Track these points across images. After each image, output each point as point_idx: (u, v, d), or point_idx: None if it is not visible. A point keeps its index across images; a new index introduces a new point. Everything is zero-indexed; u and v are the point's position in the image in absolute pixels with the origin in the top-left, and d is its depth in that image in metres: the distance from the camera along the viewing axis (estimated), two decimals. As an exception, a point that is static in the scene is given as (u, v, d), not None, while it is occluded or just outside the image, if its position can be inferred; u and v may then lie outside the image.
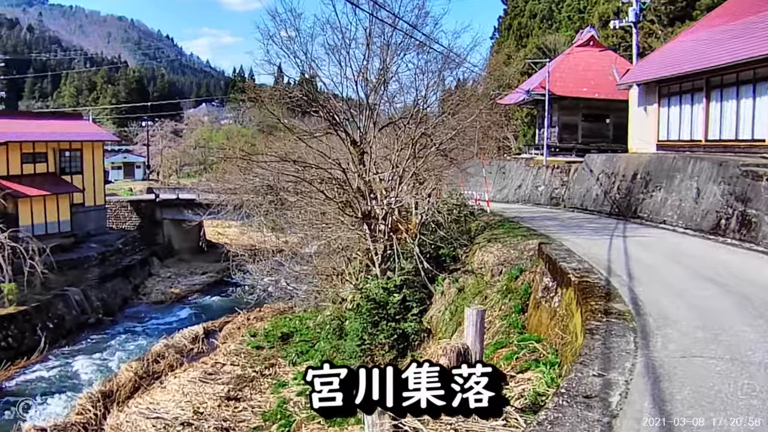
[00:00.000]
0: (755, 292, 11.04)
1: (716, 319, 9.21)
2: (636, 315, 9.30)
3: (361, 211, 23.49)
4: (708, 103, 25.69)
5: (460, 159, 30.79)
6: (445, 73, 25.26)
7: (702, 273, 12.97)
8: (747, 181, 18.38)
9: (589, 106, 42.24)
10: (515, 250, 19.48)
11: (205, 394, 24.42)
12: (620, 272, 12.90)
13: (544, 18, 71.76)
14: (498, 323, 16.44)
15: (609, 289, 11.16)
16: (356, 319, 21.79)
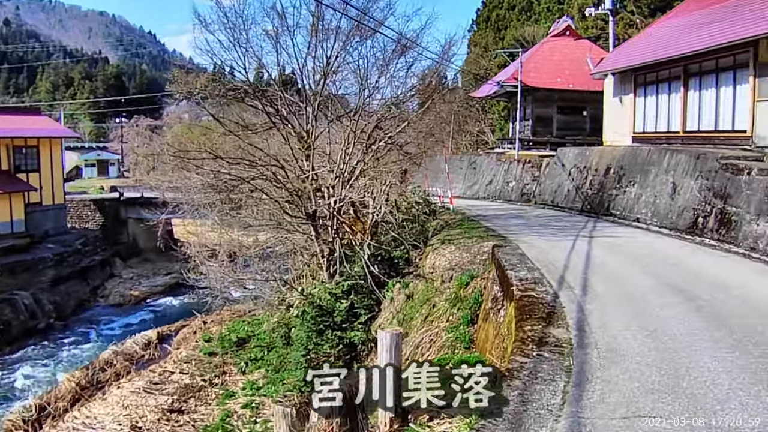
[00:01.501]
0: (732, 309, 9.05)
1: (679, 352, 7.19)
2: (577, 346, 7.28)
3: (305, 212, 21.40)
4: (686, 92, 23.75)
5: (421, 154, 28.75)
6: (398, 61, 22.97)
7: (672, 282, 10.96)
8: (726, 175, 16.43)
9: (564, 97, 40.25)
10: (468, 254, 17.48)
11: (146, 407, 22.36)
12: (574, 283, 10.88)
13: (523, 10, 70.19)
14: (444, 336, 14.70)
15: (554, 306, 9.15)
16: (301, 327, 19.92)
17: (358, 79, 22.34)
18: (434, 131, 30.31)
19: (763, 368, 6.71)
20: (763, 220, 14.32)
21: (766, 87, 19.39)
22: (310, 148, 21.73)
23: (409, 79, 23.81)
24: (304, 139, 21.70)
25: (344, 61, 22.45)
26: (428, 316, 16.80)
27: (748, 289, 10.42)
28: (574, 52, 39.57)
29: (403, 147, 25.45)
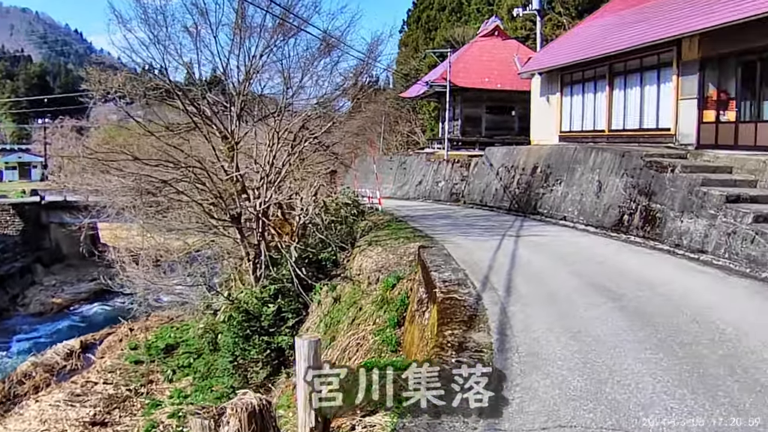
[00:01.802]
0: (657, 308, 8.79)
1: (603, 354, 6.84)
2: (498, 351, 6.86)
3: (229, 214, 20.64)
4: (611, 91, 23.87)
5: (350, 155, 28.28)
6: (324, 60, 22.39)
7: (597, 281, 10.70)
8: (651, 172, 16.41)
9: (492, 97, 40.30)
10: (395, 255, 17.04)
11: (66, 420, 21.14)
12: (498, 284, 10.52)
13: (453, 11, 70.45)
14: (371, 339, 14.28)
15: (476, 309, 8.75)
16: (228, 332, 19.20)
17: (283, 79, 21.69)
18: (364, 132, 29.77)
19: (687, 370, 6.42)
20: (687, 217, 14.29)
21: (688, 85, 19.54)
22: (234, 149, 20.95)
23: (335, 79, 23.24)
24: (228, 140, 20.90)
25: (269, 59, 21.76)
26: (355, 318, 16.35)
27: (672, 287, 10.24)
28: (503, 52, 39.67)
29: (331, 147, 24.94)
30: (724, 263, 12.44)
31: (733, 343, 7.21)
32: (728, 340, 7.33)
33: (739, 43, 17.47)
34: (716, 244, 13.00)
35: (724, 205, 13.17)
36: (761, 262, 11.56)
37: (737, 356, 6.78)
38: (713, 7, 18.21)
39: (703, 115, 19.13)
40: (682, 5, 20.39)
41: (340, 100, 25.24)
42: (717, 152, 16.82)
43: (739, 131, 17.71)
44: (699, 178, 14.50)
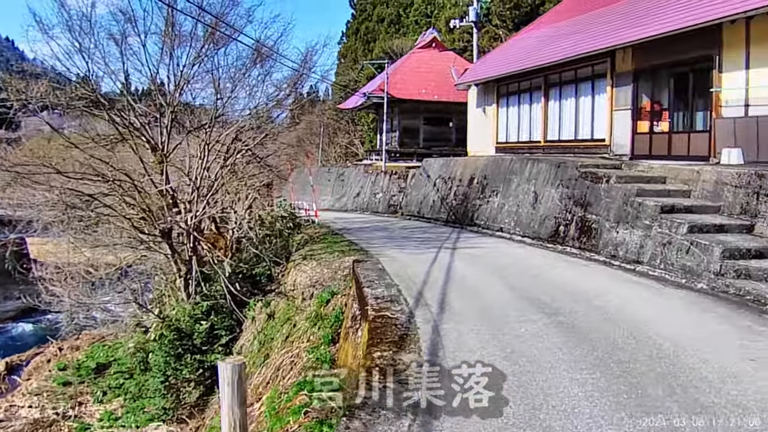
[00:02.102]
0: (593, 323, 8.49)
1: (537, 376, 6.45)
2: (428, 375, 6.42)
3: (159, 229, 19.79)
4: (547, 102, 23.90)
5: (286, 167, 27.66)
6: (258, 70, 21.76)
7: (532, 295, 10.38)
8: (586, 183, 16.30)
9: (430, 109, 40.22)
10: (329, 269, 16.54)
11: (-12, 449, 20.04)
12: (432, 300, 10.11)
13: (392, 22, 70.59)
14: (305, 357, 13.71)
15: (408, 328, 8.31)
16: (159, 351, 18.37)
17: (214, 89, 20.98)
18: (303, 143, 29.23)
19: (625, 390, 6.07)
20: (623, 228, 14.18)
21: (622, 96, 19.62)
22: (164, 161, 20.11)
23: (268, 89, 22.58)
24: (158, 153, 20.06)
25: (200, 69, 21.02)
26: (289, 335, 15.81)
27: (608, 299, 9.99)
28: (440, 63, 39.66)
29: (265, 159, 24.26)
30: (660, 274, 12.31)
31: (671, 360, 6.92)
32: (666, 357, 7.04)
33: (671, 55, 17.59)
34: (652, 254, 12.88)
35: (659, 215, 13.07)
36: (696, 273, 11.45)
37: (675, 374, 6.49)
38: (644, 20, 18.35)
39: (637, 126, 19.22)
40: (615, 18, 20.51)
41: (275, 111, 24.59)
42: (651, 162, 16.83)
43: (673, 141, 17.81)
44: (634, 189, 14.41)
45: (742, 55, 15.34)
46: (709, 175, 13.95)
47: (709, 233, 12.18)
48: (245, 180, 23.15)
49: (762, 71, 14.86)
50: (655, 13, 18.12)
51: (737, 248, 11.25)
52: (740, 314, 9.09)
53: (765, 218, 12.16)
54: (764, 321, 8.74)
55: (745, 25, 15.18)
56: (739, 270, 10.90)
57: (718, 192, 13.51)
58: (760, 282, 10.59)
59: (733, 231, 12.34)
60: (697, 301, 9.96)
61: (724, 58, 15.90)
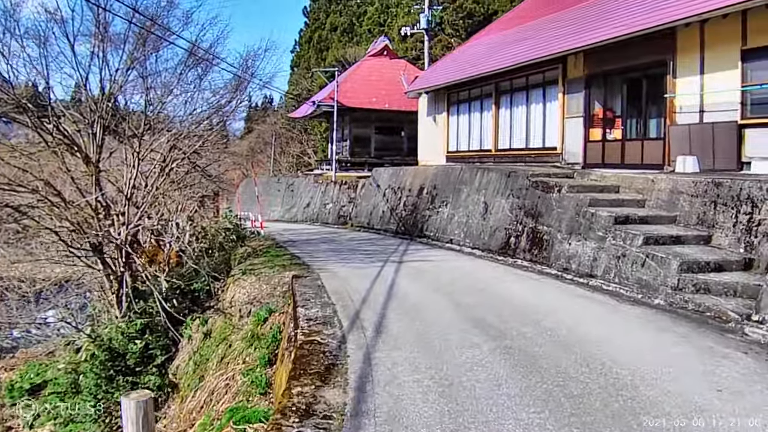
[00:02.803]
0: (543, 347, 7.64)
1: (479, 416, 5.53)
2: (351, 416, 5.47)
3: (90, 242, 18.56)
4: (497, 110, 23.26)
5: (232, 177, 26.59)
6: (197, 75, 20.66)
7: (478, 314, 9.52)
8: (537, 193, 15.59)
9: (381, 118, 39.48)
10: (268, 285, 15.57)
11: None
12: (369, 321, 9.18)
13: (345, 31, 70.24)
14: (240, 380, 12.75)
15: (337, 356, 7.38)
16: (90, 373, 17.16)
17: (145, 94, 19.82)
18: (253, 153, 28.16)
19: (579, 431, 5.25)
20: (575, 240, 13.46)
21: (574, 103, 19.04)
22: (95, 171, 18.88)
23: (207, 96, 21.47)
24: (90, 162, 18.82)
25: (134, 74, 19.85)
26: (225, 356, 14.81)
27: (560, 318, 9.18)
28: (391, 71, 38.96)
29: (208, 169, 23.17)
30: (615, 288, 11.58)
31: (629, 392, 6.09)
32: (624, 388, 6.22)
33: (623, 60, 17.05)
34: (605, 268, 12.16)
35: (613, 226, 12.37)
36: (653, 287, 10.74)
37: (635, 411, 5.64)
38: (597, 24, 17.82)
39: (589, 134, 18.64)
40: (566, 23, 19.97)
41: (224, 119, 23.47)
42: (604, 171, 16.20)
43: (626, 149, 17.24)
44: (586, 199, 13.71)
45: (697, 59, 14.81)
46: (664, 184, 13.32)
47: (665, 245, 11.50)
48: (185, 190, 22.07)
49: (717, 76, 14.34)
50: (608, 18, 17.58)
51: (695, 261, 10.56)
52: (701, 334, 8.36)
53: (723, 229, 11.52)
54: (726, 341, 8.01)
55: (700, 28, 14.66)
56: (698, 284, 10.21)
57: (674, 201, 12.87)
58: (720, 297, 9.90)
59: (690, 242, 11.68)
60: (654, 319, 9.21)
61: (678, 63, 15.37)
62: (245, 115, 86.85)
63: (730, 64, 13.97)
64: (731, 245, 11.23)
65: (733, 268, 10.68)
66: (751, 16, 13.51)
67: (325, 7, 73.84)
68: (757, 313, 8.75)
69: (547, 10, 23.16)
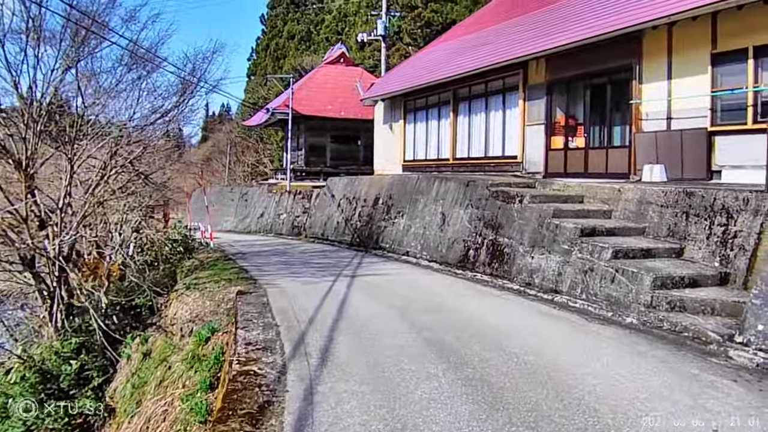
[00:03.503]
0: (509, 377, 6.72)
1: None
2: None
3: (20, 255, 17.26)
4: (456, 117, 22.49)
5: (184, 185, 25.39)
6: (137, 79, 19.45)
7: (436, 337, 8.58)
8: (497, 203, 14.76)
9: (337, 126, 38.57)
10: (212, 301, 14.47)
11: None
12: (315, 346, 8.17)
13: (303, 39, 69.52)
14: (179, 407, 11.55)
15: (275, 391, 6.39)
16: (19, 397, 15.79)
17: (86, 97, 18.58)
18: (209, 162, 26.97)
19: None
20: (538, 253, 12.63)
21: (535, 110, 18.34)
22: (29, 178, 17.56)
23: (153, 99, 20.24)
24: (20, 169, 17.49)
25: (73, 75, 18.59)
26: (164, 379, 13.61)
27: (525, 341, 8.29)
28: (348, 79, 38.11)
29: (152, 177, 21.92)
30: (582, 306, 10.76)
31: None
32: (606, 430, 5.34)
33: (587, 65, 16.38)
34: (571, 283, 11.34)
35: (579, 239, 11.57)
36: (624, 305, 9.93)
37: (621, 459, 4.77)
38: (559, 28, 17.13)
39: (551, 142, 17.94)
40: (528, 27, 19.29)
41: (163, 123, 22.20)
42: (567, 180, 15.44)
43: (590, 158, 16.54)
44: (550, 209, 12.91)
45: (664, 64, 14.17)
46: (631, 194, 12.58)
47: (635, 258, 10.73)
48: (129, 200, 20.83)
49: (685, 81, 13.70)
50: (571, 22, 16.92)
51: (669, 276, 9.78)
52: (682, 358, 7.53)
53: (696, 241, 10.79)
54: (711, 367, 7.20)
55: (668, 31, 14.03)
56: (672, 301, 9.43)
57: (642, 212, 12.14)
58: (697, 315, 9.13)
59: (662, 256, 10.93)
60: (628, 341, 8.37)
61: (644, 68, 14.72)
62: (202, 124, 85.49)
63: (700, 68, 13.35)
64: (705, 258, 10.51)
65: (709, 283, 9.94)
66: (721, 19, 12.92)
67: (283, 15, 73.07)
68: (740, 334, 7.98)
69: (508, 15, 22.51)
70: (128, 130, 19.59)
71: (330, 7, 71.26)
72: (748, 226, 9.90)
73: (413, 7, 48.84)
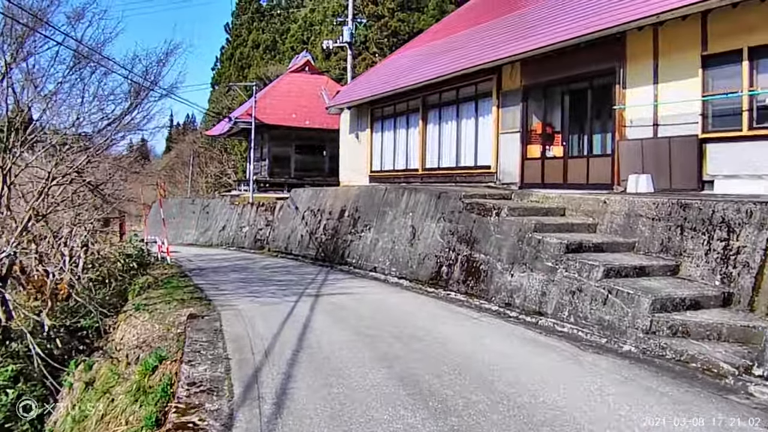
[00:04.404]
0: (503, 429, 5.61)
1: None
2: None
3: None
4: (425, 126, 21.47)
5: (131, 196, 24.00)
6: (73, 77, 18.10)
7: (410, 372, 7.42)
8: (472, 216, 13.69)
9: (302, 136, 37.39)
10: (162, 325, 13.16)
11: None
12: (270, 387, 6.93)
13: (268, 49, 68.56)
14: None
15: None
16: (-55, 435, 14.30)
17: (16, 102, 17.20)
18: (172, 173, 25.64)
19: None
20: (519, 270, 11.57)
21: (509, 118, 17.35)
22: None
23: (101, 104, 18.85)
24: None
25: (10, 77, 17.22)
26: (105, 413, 12.22)
27: (516, 378, 7.15)
28: (313, 87, 36.95)
29: (103, 188, 20.53)
30: (571, 330, 9.69)
31: None
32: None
33: (565, 70, 15.43)
34: (557, 304, 10.27)
35: (564, 255, 10.52)
36: (619, 330, 8.88)
37: None
38: (535, 30, 16.16)
39: (527, 151, 16.95)
40: (502, 30, 18.34)
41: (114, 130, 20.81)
42: (546, 192, 14.41)
43: (569, 168, 15.57)
44: (530, 223, 11.86)
45: (650, 67, 13.26)
46: (618, 206, 11.58)
47: (628, 277, 9.70)
48: (77, 211, 19.46)
49: (673, 85, 12.80)
50: (548, 24, 15.99)
51: (669, 297, 8.76)
52: (698, 396, 6.47)
53: (693, 257, 9.80)
54: (733, 408, 6.14)
55: (653, 32, 13.13)
56: (674, 326, 8.40)
57: (631, 226, 11.14)
58: (703, 342, 8.11)
59: (656, 274, 9.92)
60: (630, 375, 7.29)
61: (628, 72, 13.81)
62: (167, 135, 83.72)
63: (689, 71, 12.45)
64: (705, 277, 9.51)
65: (711, 304, 8.94)
66: (713, 18, 12.05)
67: (248, 24, 72.09)
68: (759, 366, 6.99)
69: (479, 20, 21.59)
70: (74, 137, 18.25)
71: (296, 16, 70.45)
72: (752, 241, 8.94)
73: (380, 16, 48.03)
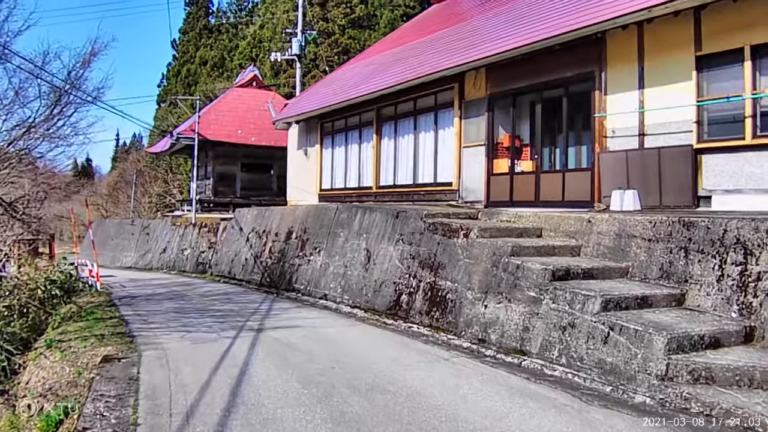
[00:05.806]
0: None
1: None
2: None
3: None
4: (380, 140, 19.87)
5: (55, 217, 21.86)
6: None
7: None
8: (436, 238, 12.04)
9: (249, 153, 35.55)
10: (74, 368, 11.11)
11: None
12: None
13: (216, 65, 66.99)
14: None
15: None
16: None
17: None
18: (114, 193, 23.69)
19: None
20: (493, 301, 9.91)
21: (473, 129, 15.82)
22: None
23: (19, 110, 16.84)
24: None
25: None
26: (-2, 480, 10.26)
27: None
28: (261, 103, 35.21)
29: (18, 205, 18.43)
30: (564, 374, 8.05)
31: None
32: None
33: (536, 75, 13.95)
34: (544, 342, 8.63)
35: (551, 283, 8.90)
36: (626, 375, 7.27)
37: None
38: (501, 33, 14.70)
39: (493, 166, 15.41)
40: (465, 35, 16.86)
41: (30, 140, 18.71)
42: (518, 210, 12.84)
43: (542, 183, 14.04)
44: (507, 246, 10.24)
45: (635, 70, 11.85)
46: (606, 226, 10.04)
47: (629, 309, 8.14)
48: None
49: (663, 90, 11.37)
50: (516, 25, 14.53)
51: (687, 335, 7.19)
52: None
53: (701, 284, 8.29)
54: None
55: (638, 31, 11.72)
56: (695, 371, 6.83)
57: (623, 248, 9.60)
58: (732, 390, 6.55)
59: (660, 305, 8.38)
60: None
61: (609, 76, 12.38)
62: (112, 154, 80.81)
63: (681, 74, 11.06)
64: (718, 307, 8.01)
65: (732, 341, 7.43)
66: (707, 14, 10.70)
67: (195, 41, 70.50)
68: (821, 430, 5.42)
69: (441, 26, 20.13)
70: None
71: (245, 33, 69.03)
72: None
73: (330, 33, 46.84)
